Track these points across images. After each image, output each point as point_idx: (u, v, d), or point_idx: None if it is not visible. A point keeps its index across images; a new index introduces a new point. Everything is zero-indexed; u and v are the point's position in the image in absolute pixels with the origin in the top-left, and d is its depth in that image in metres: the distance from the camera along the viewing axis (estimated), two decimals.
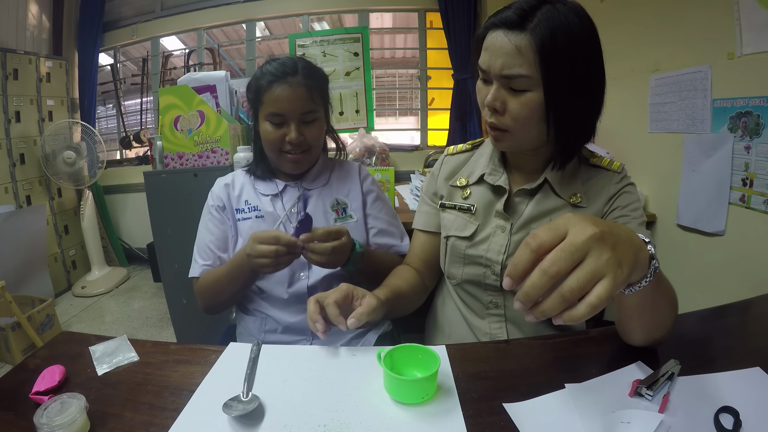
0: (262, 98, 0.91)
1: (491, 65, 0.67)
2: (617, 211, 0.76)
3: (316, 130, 0.95)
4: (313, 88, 0.92)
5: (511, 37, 0.64)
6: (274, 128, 0.91)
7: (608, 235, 0.40)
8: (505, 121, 0.70)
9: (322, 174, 1.03)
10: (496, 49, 0.66)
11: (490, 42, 0.67)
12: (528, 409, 0.53)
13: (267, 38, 3.77)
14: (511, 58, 0.64)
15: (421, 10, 3.15)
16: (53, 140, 2.79)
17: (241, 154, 1.67)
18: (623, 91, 1.81)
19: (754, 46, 1.18)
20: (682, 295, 0.61)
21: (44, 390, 0.59)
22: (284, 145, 0.92)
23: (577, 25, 0.64)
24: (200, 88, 1.86)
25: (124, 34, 3.41)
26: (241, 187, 1.01)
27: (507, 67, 0.65)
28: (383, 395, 0.58)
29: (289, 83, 0.89)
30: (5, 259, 2.33)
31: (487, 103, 0.69)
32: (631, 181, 0.79)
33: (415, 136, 3.46)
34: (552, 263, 0.39)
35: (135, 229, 3.44)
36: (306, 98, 0.91)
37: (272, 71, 0.91)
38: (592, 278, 0.38)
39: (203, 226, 1.01)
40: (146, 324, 2.51)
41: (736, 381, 0.56)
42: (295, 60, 0.94)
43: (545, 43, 0.62)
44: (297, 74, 0.91)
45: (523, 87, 0.66)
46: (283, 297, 0.93)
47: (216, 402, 0.56)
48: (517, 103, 0.67)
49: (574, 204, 0.77)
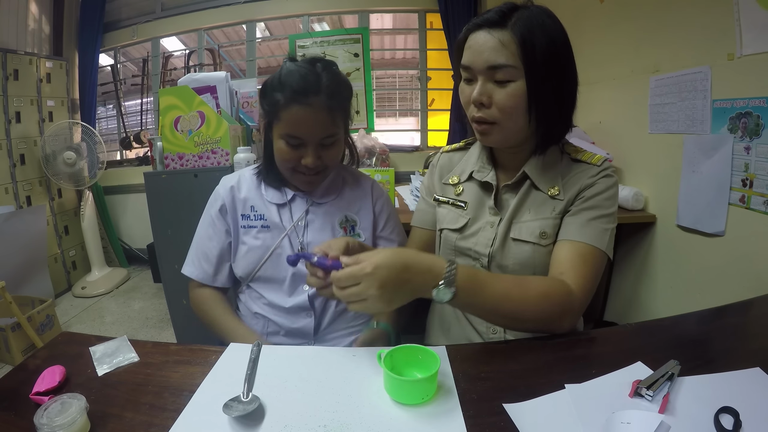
0: (279, 114, 0.84)
1: (475, 61, 0.73)
2: (581, 202, 0.78)
3: (335, 152, 0.90)
4: (336, 109, 0.85)
5: (493, 33, 0.71)
6: (290, 149, 0.86)
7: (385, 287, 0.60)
8: (492, 113, 0.74)
9: (333, 186, 0.99)
10: (479, 45, 0.72)
11: (473, 41, 0.73)
12: (528, 410, 0.53)
13: (267, 39, 3.77)
14: (495, 51, 0.70)
15: (422, 10, 3.16)
16: (53, 141, 2.80)
17: (241, 155, 1.67)
18: (623, 91, 1.81)
19: (754, 46, 1.18)
20: (683, 296, 0.61)
21: (44, 390, 0.59)
22: (299, 166, 0.87)
23: (550, 24, 0.72)
24: (200, 88, 1.85)
25: (125, 35, 3.42)
26: (248, 191, 0.97)
27: (492, 59, 0.70)
28: (383, 396, 0.58)
29: (311, 105, 0.82)
30: (5, 259, 2.33)
31: (474, 99, 0.73)
32: (607, 173, 0.79)
33: (415, 137, 3.46)
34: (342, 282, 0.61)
35: (135, 229, 3.44)
36: (327, 123, 0.84)
37: (293, 86, 0.82)
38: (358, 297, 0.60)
39: (203, 230, 0.99)
40: (146, 324, 2.51)
41: (736, 381, 0.56)
42: (318, 72, 0.84)
43: (525, 37, 0.69)
44: (320, 94, 0.82)
45: (507, 77, 0.71)
46: (284, 306, 0.92)
47: (216, 402, 0.56)
48: (502, 94, 0.72)
49: (552, 196, 0.79)
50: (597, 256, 0.74)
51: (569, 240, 0.76)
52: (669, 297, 1.56)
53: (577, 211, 0.77)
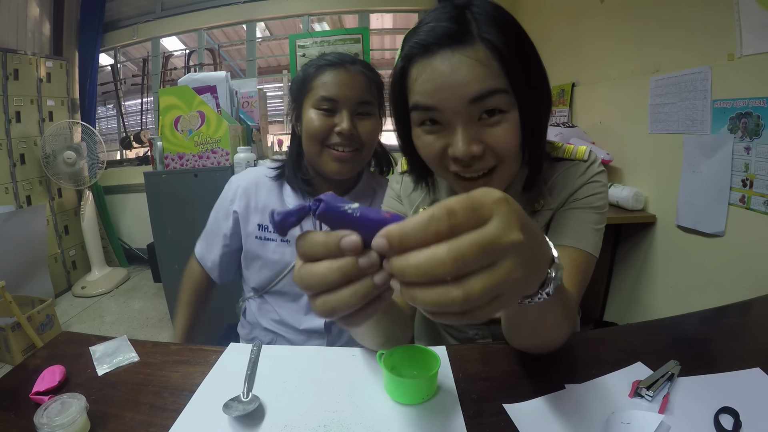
0: (310, 84, 0.77)
1: (447, 98, 0.52)
2: (572, 203, 0.68)
3: (371, 125, 0.81)
4: (372, 81, 0.80)
5: (462, 53, 0.50)
6: (322, 116, 0.77)
7: (528, 247, 0.31)
8: (488, 163, 0.55)
9: (362, 199, 0.89)
10: (447, 76, 0.51)
11: (431, 73, 0.52)
12: (528, 410, 0.53)
13: (267, 39, 3.77)
14: (476, 77, 0.50)
15: (422, 10, 3.16)
16: (53, 140, 2.80)
17: (241, 154, 1.67)
18: (623, 92, 1.81)
19: (754, 47, 1.18)
20: (683, 296, 0.61)
21: (44, 390, 0.59)
22: (331, 137, 0.78)
23: (509, 16, 0.54)
24: (201, 88, 1.85)
25: (125, 35, 3.42)
26: (267, 197, 0.88)
27: (475, 89, 0.50)
28: (383, 396, 0.58)
29: (347, 69, 0.77)
30: (5, 259, 2.33)
31: (462, 153, 0.53)
32: (598, 170, 0.68)
33: None
34: (464, 260, 0.26)
35: (135, 229, 3.44)
36: (364, 87, 0.78)
37: (327, 58, 0.78)
38: (497, 293, 0.29)
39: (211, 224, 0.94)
40: (146, 324, 2.51)
41: (736, 382, 0.56)
42: (352, 55, 0.81)
43: (501, 45, 0.51)
44: (356, 63, 0.79)
45: (499, 106, 0.52)
46: (297, 327, 0.87)
47: (216, 402, 0.56)
48: (500, 133, 0.53)
49: (536, 210, 0.69)
50: (590, 262, 0.67)
51: (562, 246, 0.66)
52: (669, 297, 1.56)
53: (569, 211, 0.68)
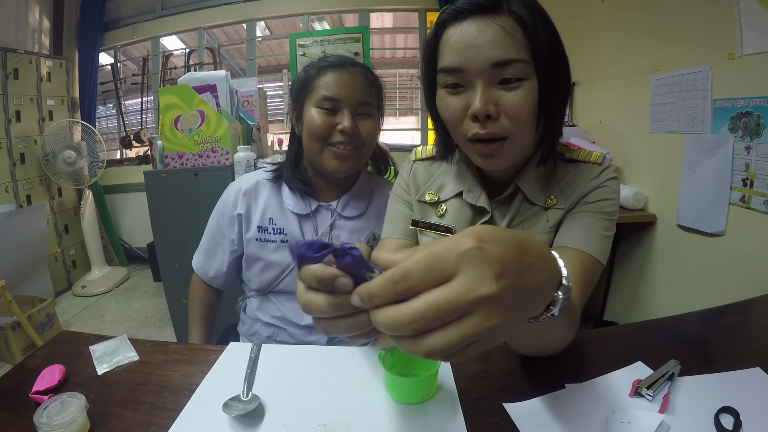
0: (311, 85, 0.80)
1: (471, 60, 0.57)
2: (583, 205, 0.68)
3: (371, 125, 0.84)
4: (373, 82, 0.84)
5: (490, 20, 0.56)
6: (324, 115, 0.80)
7: (511, 290, 0.29)
8: (502, 125, 0.58)
9: (360, 198, 0.92)
10: (473, 38, 0.56)
11: (460, 35, 0.57)
12: (528, 409, 0.53)
13: (267, 38, 3.76)
14: (499, 43, 0.55)
15: (422, 9, 3.16)
16: (53, 140, 2.80)
17: (241, 153, 1.67)
18: (623, 91, 1.81)
19: (754, 46, 1.17)
20: (683, 296, 0.61)
21: (44, 389, 0.59)
22: (333, 135, 0.80)
23: (538, 2, 0.59)
24: (200, 87, 1.85)
25: (125, 34, 3.42)
26: (267, 199, 0.89)
27: (496, 54, 0.55)
28: (383, 395, 0.58)
29: (348, 70, 0.80)
30: (5, 258, 2.33)
31: (478, 111, 0.57)
32: (612, 176, 0.68)
33: (415, 136, 3.47)
34: (424, 319, 0.27)
35: (135, 228, 3.44)
36: (364, 88, 0.81)
37: (328, 60, 0.81)
38: (467, 342, 0.28)
39: (210, 233, 0.95)
40: (146, 323, 2.51)
41: (736, 381, 0.56)
42: (352, 58, 0.85)
43: (528, 21, 0.55)
44: (357, 66, 0.82)
45: (519, 75, 0.56)
46: (299, 323, 0.88)
47: (216, 402, 0.56)
48: (514, 98, 0.57)
49: (547, 207, 0.69)
50: (596, 267, 0.65)
51: (570, 248, 0.65)
52: (669, 297, 1.56)
53: (579, 214, 0.67)
